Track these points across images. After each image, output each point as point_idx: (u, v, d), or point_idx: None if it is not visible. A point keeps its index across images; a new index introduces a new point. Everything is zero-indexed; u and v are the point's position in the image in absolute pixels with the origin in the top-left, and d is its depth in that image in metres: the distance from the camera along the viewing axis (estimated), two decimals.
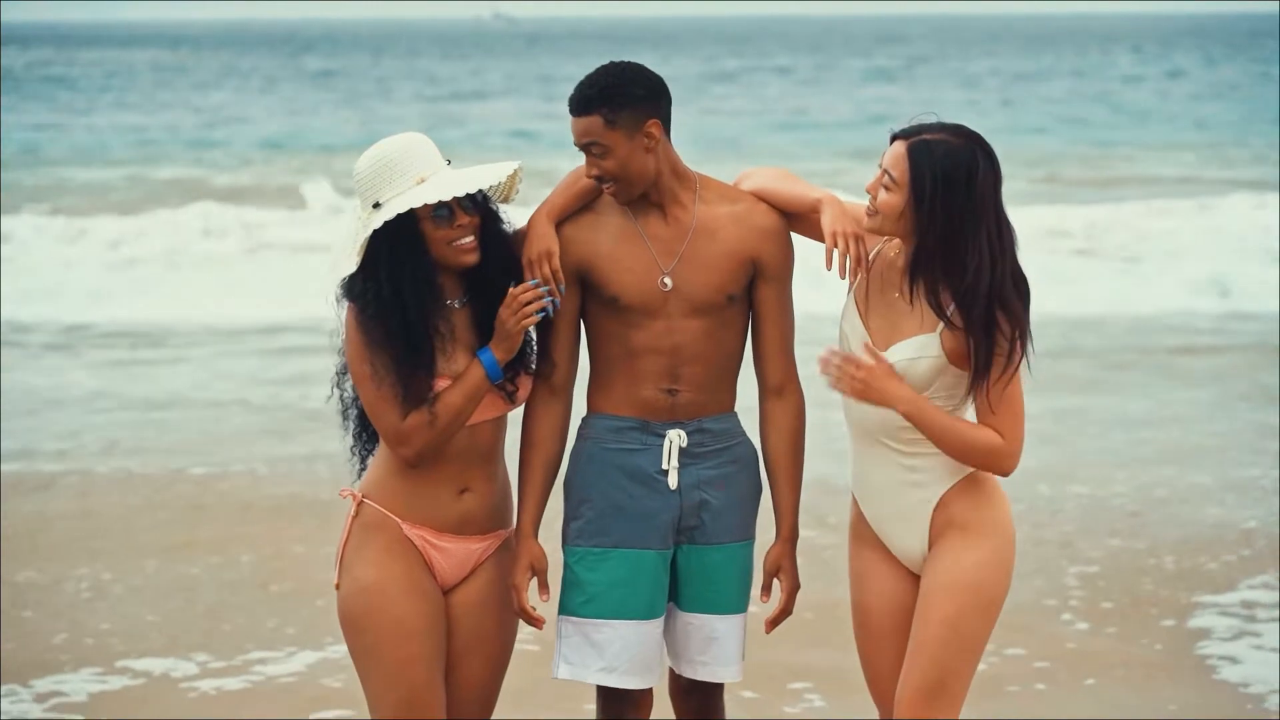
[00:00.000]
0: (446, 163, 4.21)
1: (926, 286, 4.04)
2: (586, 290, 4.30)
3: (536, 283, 4.15)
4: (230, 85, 54.72)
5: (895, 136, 4.08)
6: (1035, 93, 47.90)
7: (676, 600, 4.35)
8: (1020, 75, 58.31)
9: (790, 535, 4.38)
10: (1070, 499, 9.09)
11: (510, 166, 4.24)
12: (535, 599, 4.27)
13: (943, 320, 4.03)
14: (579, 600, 4.28)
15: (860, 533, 4.27)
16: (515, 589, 4.26)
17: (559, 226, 4.27)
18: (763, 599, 4.44)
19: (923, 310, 4.07)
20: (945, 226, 4.00)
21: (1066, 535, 8.46)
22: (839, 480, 7.47)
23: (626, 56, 4.33)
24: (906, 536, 4.17)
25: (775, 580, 4.40)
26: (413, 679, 4.16)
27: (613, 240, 4.26)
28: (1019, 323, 4.01)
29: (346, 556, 4.24)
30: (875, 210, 4.09)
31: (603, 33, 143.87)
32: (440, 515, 4.23)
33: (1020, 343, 4.02)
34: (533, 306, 4.12)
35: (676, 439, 4.26)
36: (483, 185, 4.13)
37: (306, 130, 36.49)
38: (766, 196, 4.31)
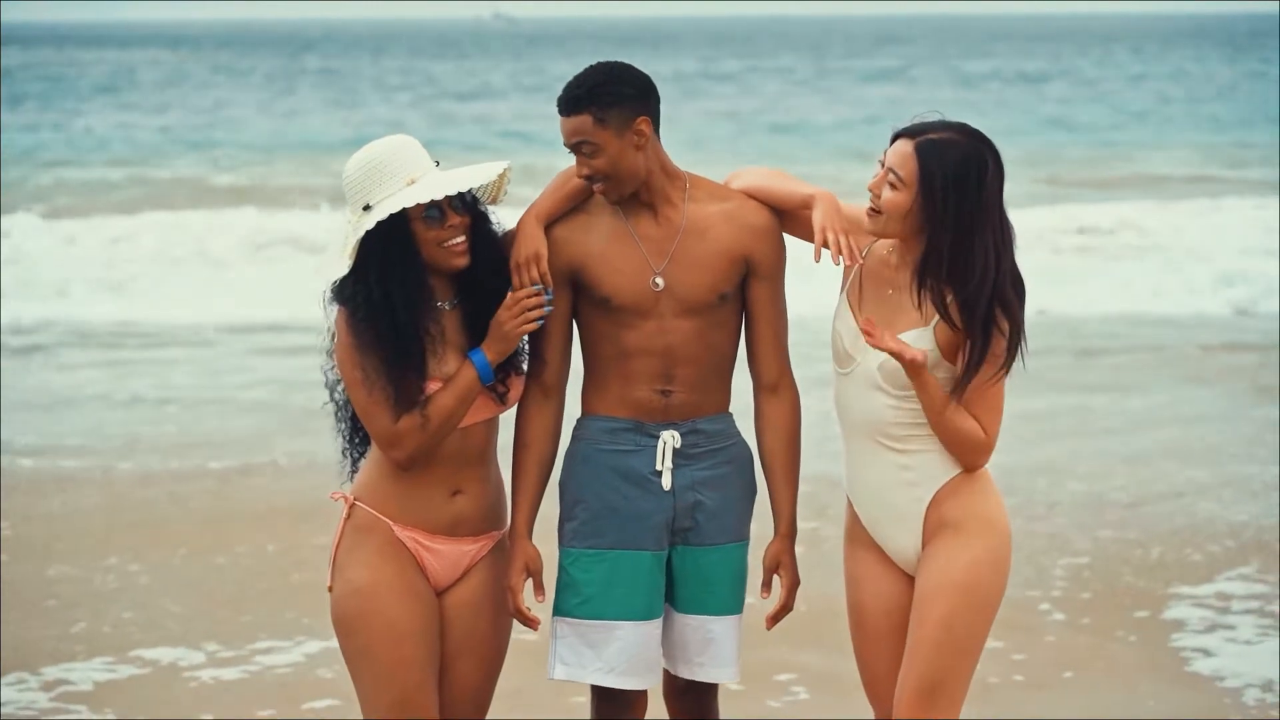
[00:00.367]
0: (436, 164, 4.21)
1: (929, 283, 4.03)
2: (578, 291, 4.29)
3: (540, 288, 4.15)
4: (230, 85, 54.60)
5: (898, 135, 4.06)
6: (1035, 93, 47.72)
7: (672, 601, 4.35)
8: (1021, 75, 58.14)
9: (789, 531, 4.38)
10: (1067, 493, 9.21)
11: (499, 166, 4.24)
12: (531, 600, 4.30)
13: (941, 315, 4.02)
14: (574, 601, 4.28)
15: (855, 535, 4.27)
16: (511, 590, 4.26)
17: (549, 228, 4.26)
18: (763, 595, 4.44)
19: (916, 306, 4.07)
20: (956, 227, 3.99)
21: (1060, 528, 8.57)
22: (840, 474, 7.60)
23: (625, 56, 4.31)
24: (900, 536, 4.16)
25: (775, 576, 4.40)
26: (405, 681, 4.17)
27: (604, 241, 4.25)
28: (1017, 322, 4.02)
29: (339, 559, 4.25)
30: (878, 210, 4.07)
31: (603, 33, 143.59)
32: (432, 517, 4.23)
33: (1015, 342, 4.02)
34: (535, 313, 4.14)
35: (670, 440, 4.26)
36: (473, 185, 4.13)
37: (307, 131, 36.46)
38: (758, 194, 4.30)
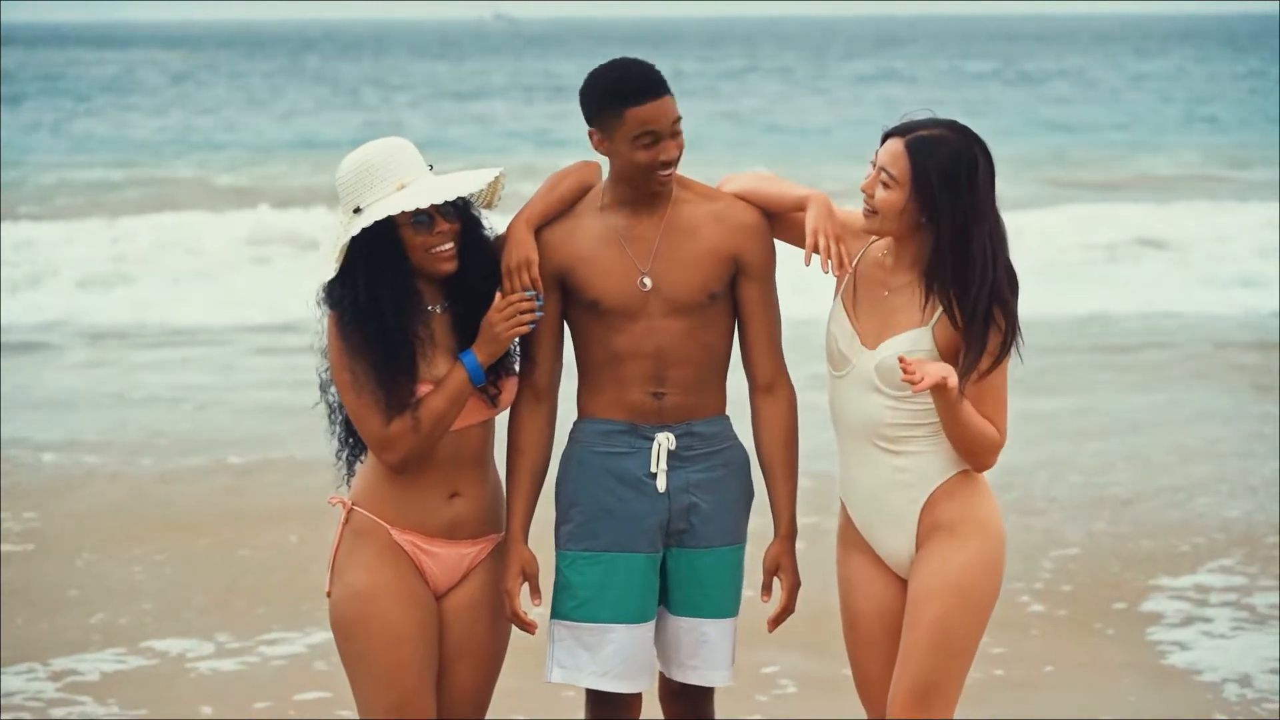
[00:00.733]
0: (429, 168, 4.19)
1: (927, 283, 4.03)
2: (567, 295, 4.28)
3: (533, 294, 4.14)
4: (232, 86, 54.64)
5: (889, 134, 4.06)
6: (1037, 94, 47.61)
7: (666, 604, 4.34)
8: (1023, 76, 58.07)
9: (788, 532, 4.36)
10: (1066, 488, 9.33)
11: (491, 173, 4.22)
12: (528, 604, 4.30)
13: (954, 326, 4.02)
14: (570, 604, 4.28)
15: (848, 538, 4.26)
16: (507, 595, 4.26)
17: (538, 232, 4.25)
18: (764, 598, 4.42)
19: (912, 306, 4.07)
20: (949, 223, 3.99)
21: (1055, 522, 8.68)
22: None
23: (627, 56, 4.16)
24: (894, 539, 4.15)
25: (775, 579, 4.39)
26: (403, 685, 4.16)
27: (592, 244, 4.24)
28: (1012, 318, 4.02)
29: (338, 563, 4.25)
30: (873, 210, 4.06)
31: (603, 33, 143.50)
32: (430, 520, 4.23)
33: (1012, 336, 4.03)
34: (526, 316, 4.13)
35: (665, 442, 4.25)
36: (462, 193, 4.12)
37: (308, 131, 36.50)
38: (750, 197, 4.29)
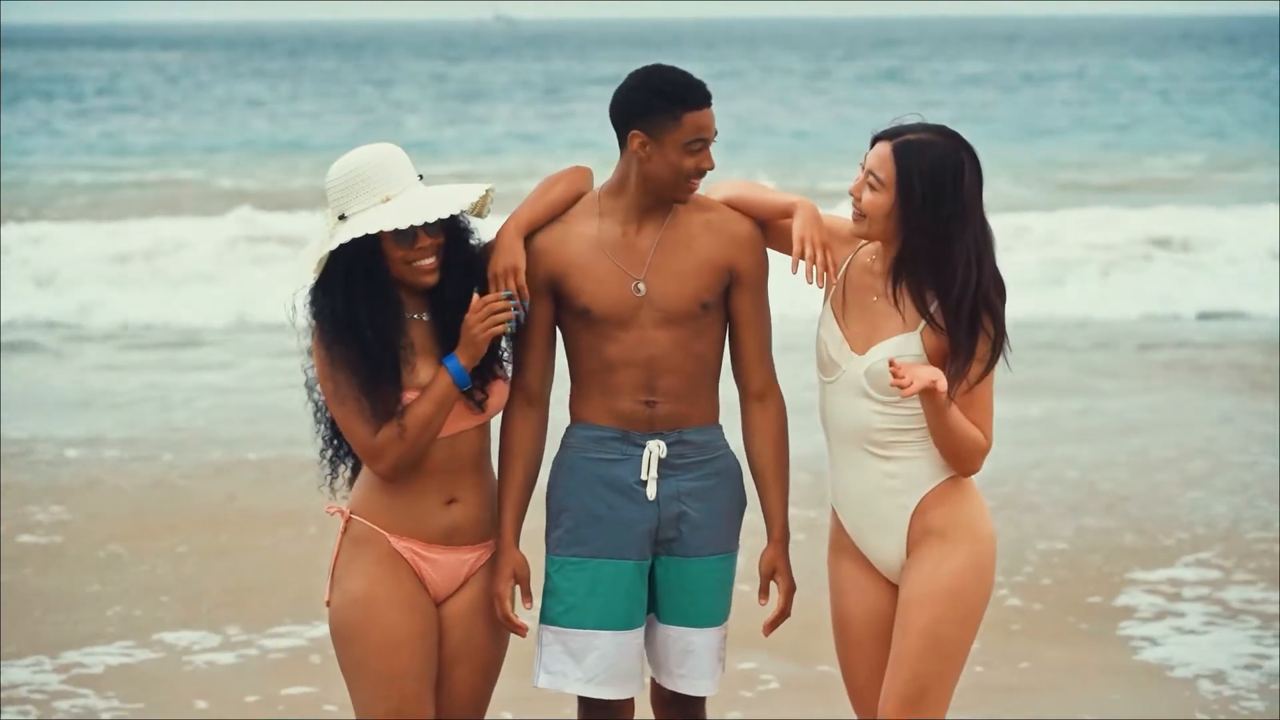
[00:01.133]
0: (419, 178, 4.18)
1: (910, 287, 4.04)
2: (559, 302, 4.27)
3: (508, 294, 4.14)
4: (231, 87, 54.62)
5: (877, 138, 4.07)
6: (1040, 94, 47.50)
7: (656, 611, 4.35)
8: (1025, 77, 58.10)
9: (782, 537, 4.37)
10: (1060, 483, 9.46)
11: (478, 190, 4.20)
12: (519, 608, 4.33)
13: (926, 319, 4.03)
14: (558, 610, 4.29)
15: (840, 543, 4.26)
16: (498, 598, 4.27)
17: (529, 238, 4.24)
18: (761, 602, 4.41)
19: (902, 311, 4.07)
20: (932, 227, 3.99)
21: (1045, 516, 8.82)
22: None
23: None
24: (885, 544, 4.16)
25: (772, 582, 4.41)
26: (401, 692, 4.17)
27: (585, 251, 4.23)
28: (1000, 323, 4.03)
29: (337, 571, 4.25)
30: (862, 214, 4.07)
31: (604, 34, 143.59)
32: (428, 527, 4.23)
33: (1000, 342, 4.04)
34: (501, 316, 4.11)
35: (656, 449, 4.25)
36: (444, 214, 4.09)
37: (308, 132, 36.55)
38: (738, 204, 4.29)
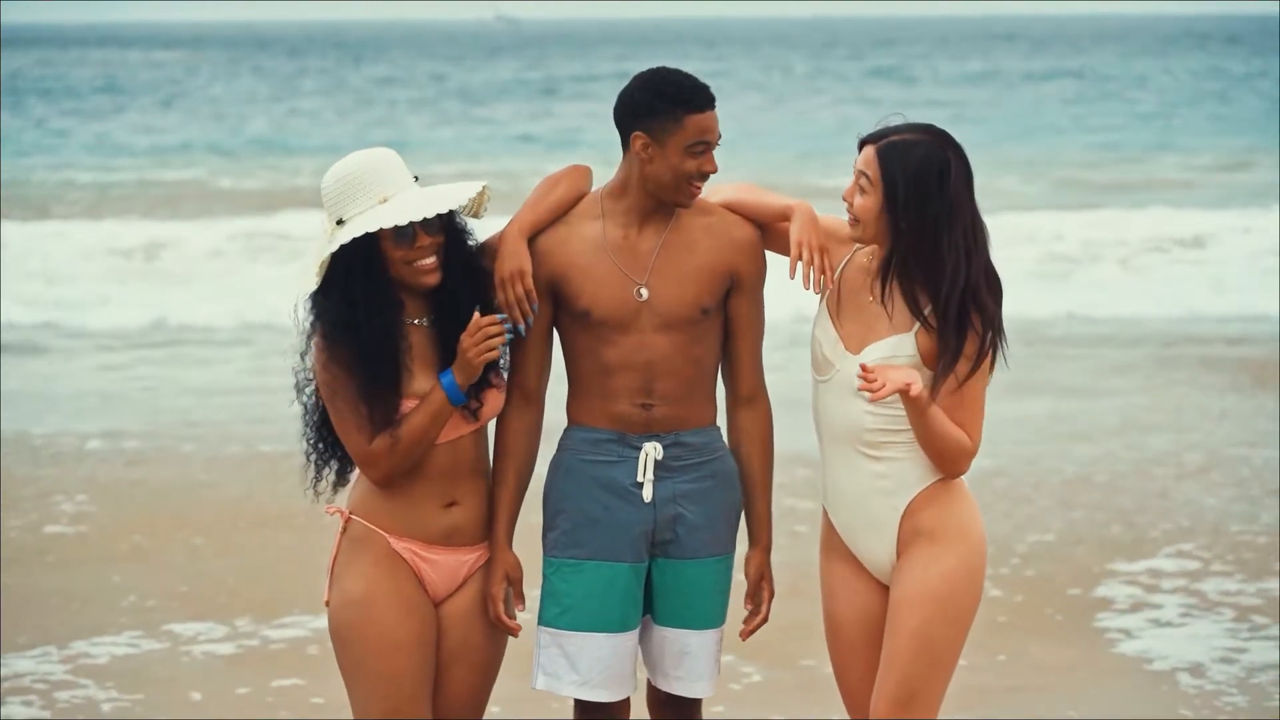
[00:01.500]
0: (414, 179, 4.19)
1: (901, 287, 4.04)
2: (558, 304, 4.26)
3: (504, 317, 4.12)
4: (232, 87, 54.63)
5: (864, 141, 4.08)
6: (1043, 95, 47.41)
7: (652, 613, 4.35)
8: (1027, 77, 58.06)
9: (769, 543, 4.40)
10: (1057, 475, 9.60)
11: (475, 187, 4.20)
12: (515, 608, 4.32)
13: (920, 321, 4.02)
14: (555, 611, 4.30)
15: (831, 544, 4.26)
16: (491, 599, 4.28)
17: (530, 240, 4.23)
18: (747, 606, 4.42)
19: (896, 312, 4.07)
20: (919, 227, 3.99)
21: (1038, 508, 8.95)
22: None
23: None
24: (875, 545, 4.16)
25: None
26: (399, 692, 4.17)
27: (585, 253, 4.22)
28: (991, 321, 4.02)
29: (336, 571, 4.25)
30: (855, 218, 4.08)
31: (605, 34, 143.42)
32: (428, 529, 4.23)
33: (992, 341, 4.03)
34: (495, 341, 4.09)
35: (652, 452, 4.25)
36: (442, 209, 4.11)
37: (309, 132, 36.57)
38: (736, 207, 4.29)
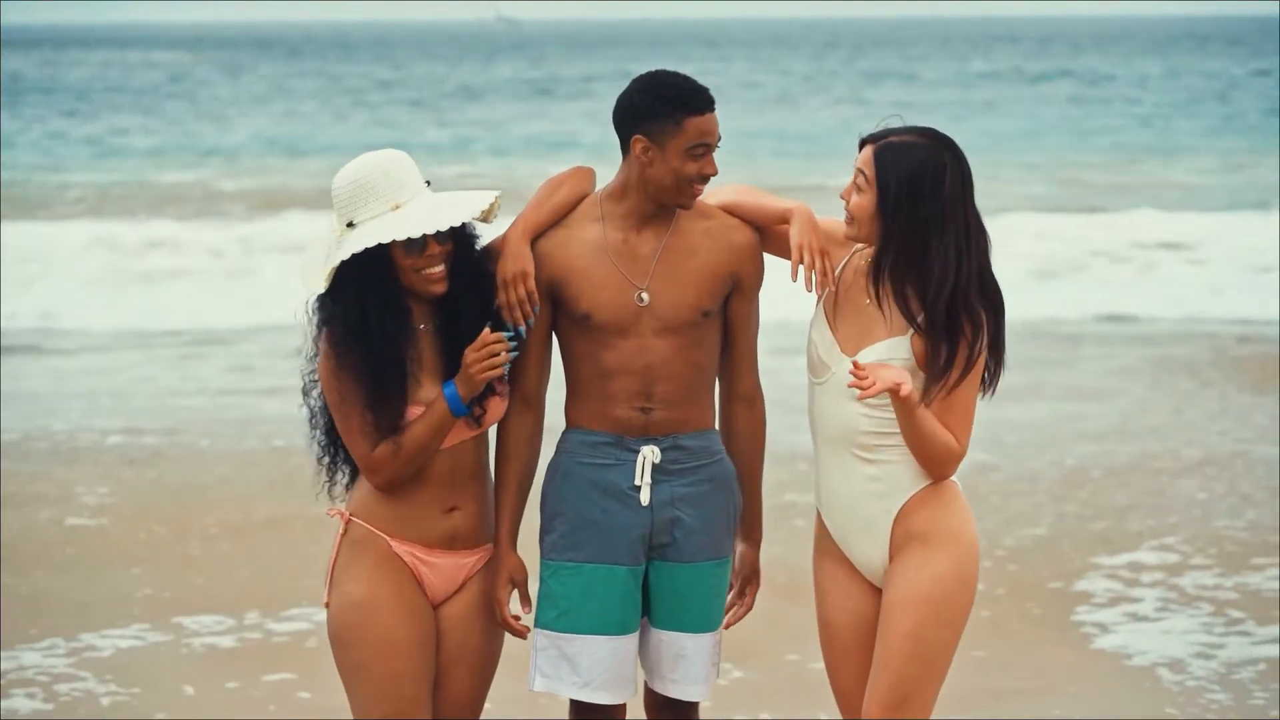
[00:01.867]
0: (426, 184, 4.18)
1: (894, 289, 4.05)
2: (557, 307, 4.27)
3: (510, 335, 4.13)
4: (233, 88, 54.54)
5: (865, 141, 4.10)
6: (1048, 96, 47.41)
7: (649, 616, 4.36)
8: (1028, 76, 58.08)
9: (759, 538, 4.44)
10: (1056, 469, 9.74)
11: (487, 197, 4.20)
12: (518, 610, 4.36)
13: (912, 325, 4.03)
14: (553, 614, 4.30)
15: (824, 546, 4.27)
16: (497, 603, 4.29)
17: (532, 242, 4.24)
18: (733, 599, 4.44)
19: (892, 315, 4.07)
20: (910, 228, 4.00)
21: (1032, 502, 9.08)
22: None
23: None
24: (868, 548, 4.16)
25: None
26: (399, 694, 4.18)
27: (587, 256, 4.23)
28: (980, 328, 4.02)
29: (336, 574, 4.26)
30: (851, 217, 4.09)
31: (609, 35, 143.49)
32: (429, 533, 4.24)
33: (979, 348, 4.03)
34: (500, 359, 4.09)
35: (650, 455, 4.26)
36: (455, 222, 4.09)
37: (309, 132, 36.64)
38: (735, 210, 4.30)
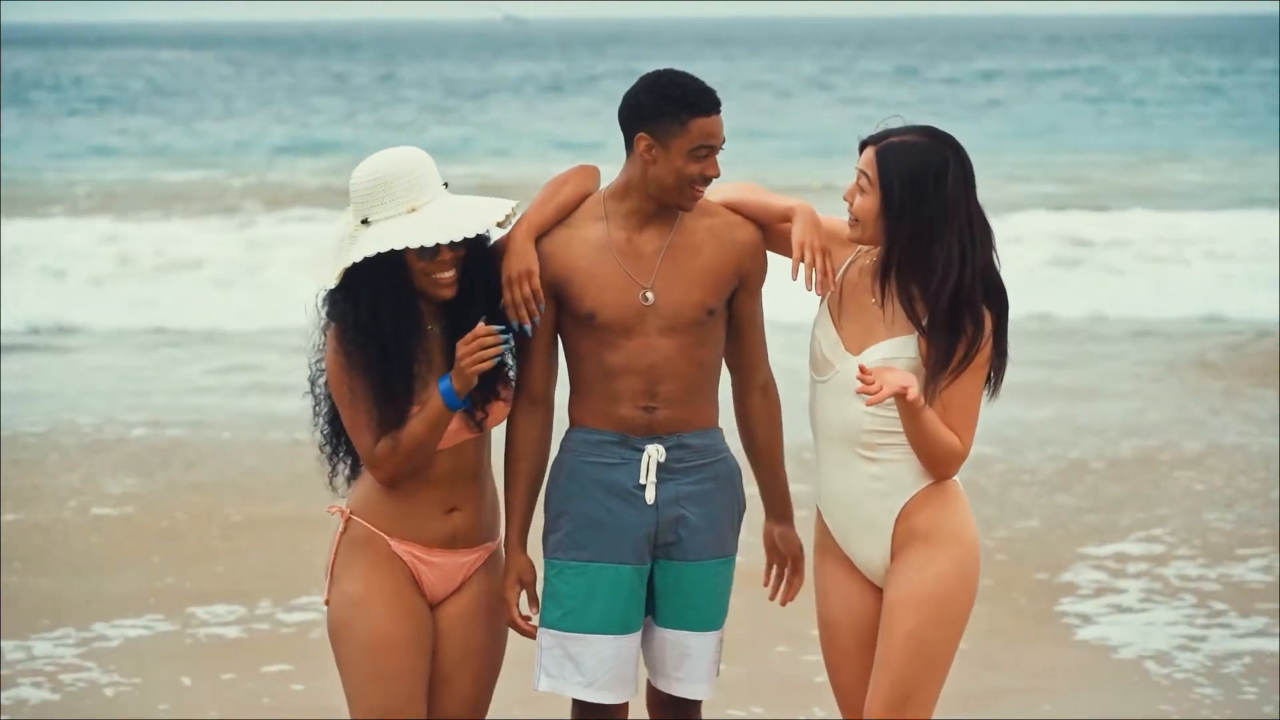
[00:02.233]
0: (444, 186, 4.17)
1: (898, 288, 4.05)
2: (561, 306, 4.26)
3: (502, 329, 4.11)
4: (239, 87, 54.41)
5: (865, 143, 4.10)
6: (1046, 95, 47.33)
7: (653, 614, 4.36)
8: (1034, 77, 58.02)
9: (791, 515, 4.46)
10: (1055, 462, 9.87)
11: (505, 207, 4.21)
12: (526, 610, 4.35)
13: (917, 328, 4.03)
14: (558, 613, 4.30)
15: (825, 546, 4.26)
16: (506, 603, 4.30)
17: (536, 242, 4.24)
18: (766, 584, 4.48)
19: (896, 314, 4.07)
20: (914, 226, 4.00)
21: (1029, 494, 9.21)
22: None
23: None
24: (869, 547, 4.16)
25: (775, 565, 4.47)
26: (390, 693, 4.19)
27: (590, 255, 4.23)
28: (983, 325, 4.02)
29: (335, 571, 4.27)
30: (855, 218, 4.09)
31: (615, 35, 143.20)
32: (428, 533, 4.25)
33: (980, 344, 4.02)
34: (489, 352, 4.07)
35: (655, 454, 4.26)
36: (470, 234, 4.10)
37: (314, 132, 36.68)
38: (738, 207, 4.30)
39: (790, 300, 5.46)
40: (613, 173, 4.34)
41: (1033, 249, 18.16)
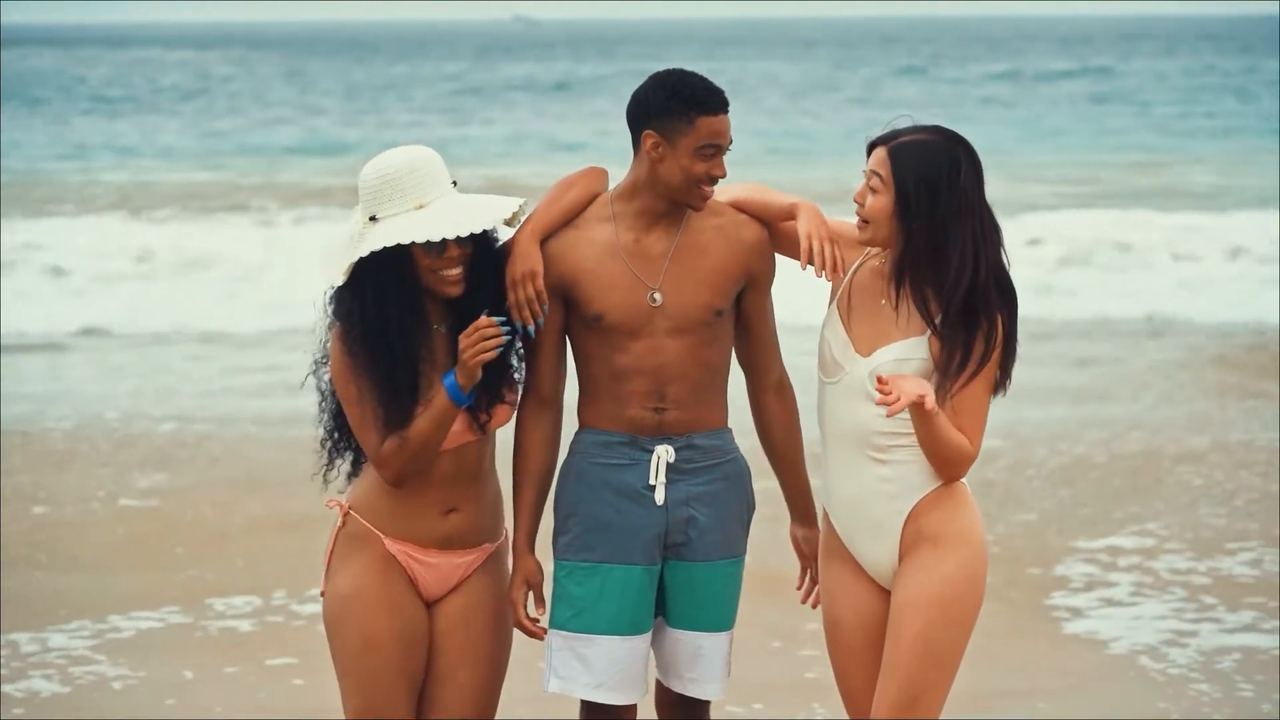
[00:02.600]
0: (453, 184, 4.17)
1: (912, 288, 4.04)
2: (569, 308, 4.25)
3: (503, 320, 4.10)
4: (247, 87, 54.31)
5: (874, 144, 4.10)
6: (1056, 96, 47.08)
7: (665, 615, 4.36)
8: (1043, 78, 57.90)
9: (815, 517, 4.44)
10: (1059, 456, 9.97)
11: (512, 204, 4.20)
12: (534, 612, 4.34)
13: (930, 328, 4.02)
14: (567, 614, 4.29)
15: (832, 548, 4.26)
16: (513, 604, 4.30)
17: (542, 242, 4.23)
18: (798, 587, 4.47)
19: (909, 315, 4.06)
20: (929, 225, 4.00)
21: (1032, 488, 9.31)
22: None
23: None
24: (877, 549, 4.15)
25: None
26: (374, 690, 4.21)
27: (596, 257, 4.23)
28: (995, 325, 4.02)
29: (332, 565, 4.28)
30: (866, 220, 4.08)
31: (624, 35, 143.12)
32: (425, 533, 4.25)
33: (994, 343, 4.02)
34: (490, 343, 4.06)
35: (664, 455, 4.26)
36: (477, 229, 4.10)
37: (323, 132, 36.62)
38: (743, 206, 4.30)
39: (799, 301, 5.55)
40: (622, 175, 4.34)
41: (1043, 249, 18.25)
